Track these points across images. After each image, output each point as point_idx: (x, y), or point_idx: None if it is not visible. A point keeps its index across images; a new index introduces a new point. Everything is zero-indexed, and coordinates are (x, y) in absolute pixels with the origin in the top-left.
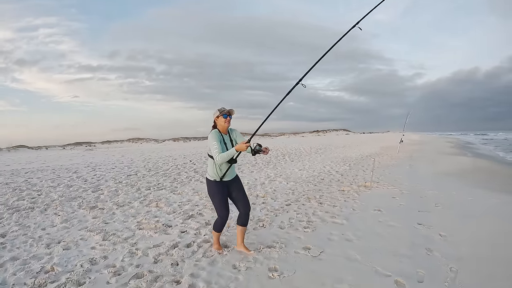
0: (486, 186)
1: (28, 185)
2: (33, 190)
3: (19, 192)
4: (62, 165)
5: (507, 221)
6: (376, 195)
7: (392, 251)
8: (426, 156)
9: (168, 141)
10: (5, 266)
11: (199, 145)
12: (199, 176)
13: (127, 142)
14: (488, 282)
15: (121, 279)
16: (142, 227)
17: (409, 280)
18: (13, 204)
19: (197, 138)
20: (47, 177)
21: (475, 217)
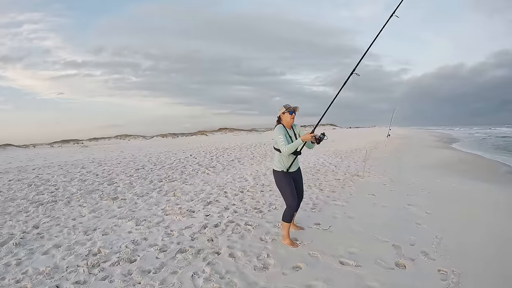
0: (466, 176)
1: (42, 180)
2: (49, 185)
3: (35, 187)
4: (66, 162)
5: (481, 202)
6: (369, 183)
7: (388, 225)
8: (412, 149)
9: (156, 137)
10: (50, 252)
11: (192, 141)
12: (204, 168)
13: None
14: (465, 245)
15: (168, 254)
16: (168, 213)
17: (403, 244)
18: (34, 198)
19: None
20: (57, 172)
21: (455, 200)
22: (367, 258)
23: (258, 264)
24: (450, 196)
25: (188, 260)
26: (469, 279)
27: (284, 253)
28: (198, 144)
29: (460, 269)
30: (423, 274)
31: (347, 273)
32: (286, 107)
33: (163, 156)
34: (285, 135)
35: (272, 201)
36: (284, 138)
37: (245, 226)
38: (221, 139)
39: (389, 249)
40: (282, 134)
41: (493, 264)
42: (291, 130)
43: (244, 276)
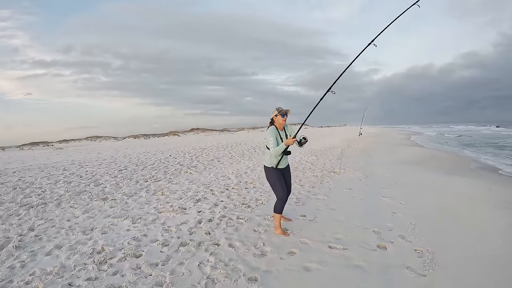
0: (436, 171)
1: (26, 183)
2: (35, 188)
3: (21, 190)
4: (45, 164)
5: (450, 194)
6: (345, 178)
7: (367, 214)
8: (383, 147)
9: (128, 138)
10: (53, 253)
11: (166, 141)
12: (186, 168)
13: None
14: (437, 229)
15: (171, 248)
16: (161, 211)
17: (382, 229)
18: (23, 201)
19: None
20: (39, 175)
21: (427, 192)
22: (352, 243)
23: (256, 252)
24: (421, 188)
25: (191, 252)
26: (442, 255)
27: (278, 241)
28: (174, 144)
29: (434, 248)
30: (402, 253)
31: (336, 255)
32: (278, 110)
33: (143, 157)
34: (276, 137)
35: (258, 196)
36: (274, 140)
37: (237, 220)
38: (195, 139)
39: (370, 234)
40: (273, 136)
41: (462, 243)
42: (283, 131)
43: (246, 262)
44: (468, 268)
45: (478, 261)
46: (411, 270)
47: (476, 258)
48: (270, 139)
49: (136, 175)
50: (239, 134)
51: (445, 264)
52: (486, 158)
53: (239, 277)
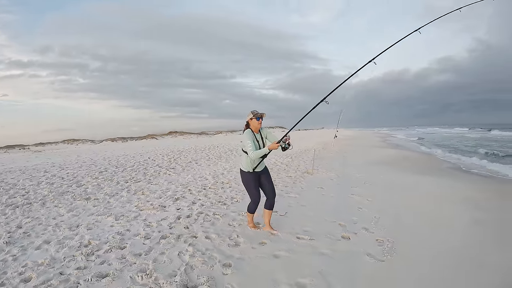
0: (408, 171)
1: (9, 185)
2: (19, 189)
3: (5, 191)
4: (25, 167)
5: (417, 192)
6: (318, 178)
7: (334, 210)
8: (358, 149)
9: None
10: (43, 247)
11: (144, 144)
12: (165, 170)
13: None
14: (399, 222)
15: (153, 240)
16: (142, 209)
17: (348, 222)
18: (8, 201)
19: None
20: (21, 177)
21: (394, 190)
22: (319, 234)
23: (231, 243)
24: (390, 187)
25: (171, 243)
26: (400, 244)
27: (251, 233)
28: (152, 147)
29: (394, 238)
30: (364, 243)
31: (303, 244)
32: (253, 113)
33: (122, 159)
34: (253, 140)
35: (233, 195)
36: (252, 144)
37: (213, 216)
38: (173, 142)
39: (336, 227)
40: (250, 140)
41: (420, 234)
42: (259, 134)
43: (222, 251)
44: (424, 254)
45: (434, 248)
46: (371, 257)
47: (432, 246)
48: (247, 142)
49: (117, 176)
50: (217, 137)
51: (402, 251)
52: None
53: (215, 263)
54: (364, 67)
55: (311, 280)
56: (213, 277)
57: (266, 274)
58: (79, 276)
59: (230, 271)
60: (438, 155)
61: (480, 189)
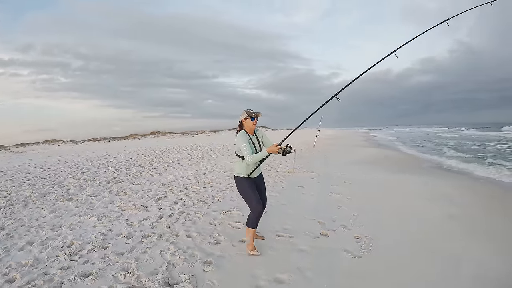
0: (389, 170)
1: None
2: (0, 190)
3: None
4: (6, 168)
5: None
6: (299, 178)
7: (314, 208)
8: (340, 149)
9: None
10: (26, 248)
11: (127, 145)
12: (147, 170)
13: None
14: (377, 219)
15: (135, 239)
16: (124, 209)
17: (327, 220)
18: None
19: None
20: (2, 178)
21: (374, 188)
22: (298, 231)
23: (211, 241)
24: (369, 185)
25: (153, 242)
26: (378, 240)
27: (232, 231)
28: (134, 147)
29: (371, 235)
30: (342, 239)
31: (283, 241)
32: (248, 113)
33: (105, 160)
34: (248, 142)
35: (214, 195)
36: (248, 146)
37: (195, 215)
38: (155, 142)
39: (315, 224)
40: (245, 142)
41: (397, 230)
42: (254, 136)
43: (202, 249)
44: (400, 250)
45: (410, 243)
46: (349, 253)
47: (409, 241)
48: (243, 145)
49: (99, 177)
50: (199, 137)
51: (380, 247)
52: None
53: (196, 261)
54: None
55: (290, 275)
56: (194, 274)
57: (245, 270)
58: (62, 276)
59: (211, 268)
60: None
61: (455, 186)
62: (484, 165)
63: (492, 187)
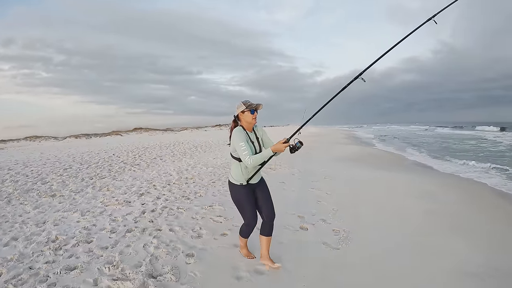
0: (371, 167)
1: None
2: None
3: None
4: None
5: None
6: (280, 174)
7: (294, 203)
8: (322, 146)
9: (69, 138)
10: (11, 244)
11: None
12: (129, 166)
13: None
14: (355, 214)
15: (119, 234)
16: (108, 205)
17: (306, 214)
18: None
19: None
20: None
21: (354, 184)
22: (278, 225)
23: (194, 234)
24: (350, 181)
25: (136, 236)
26: (356, 234)
27: (213, 225)
28: (117, 144)
29: (349, 229)
30: (321, 233)
31: None
32: (246, 104)
33: (87, 156)
34: (246, 141)
35: (197, 190)
36: (246, 146)
37: (177, 210)
38: (138, 139)
39: (295, 218)
40: (243, 141)
41: (376, 224)
42: (253, 133)
43: (185, 242)
44: (378, 243)
45: (387, 238)
46: (327, 245)
47: (386, 236)
48: (240, 144)
49: (82, 173)
50: (182, 134)
51: (357, 240)
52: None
53: (179, 254)
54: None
55: (270, 267)
56: (177, 266)
57: (227, 262)
58: (48, 270)
59: (193, 261)
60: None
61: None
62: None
63: (448, 179)
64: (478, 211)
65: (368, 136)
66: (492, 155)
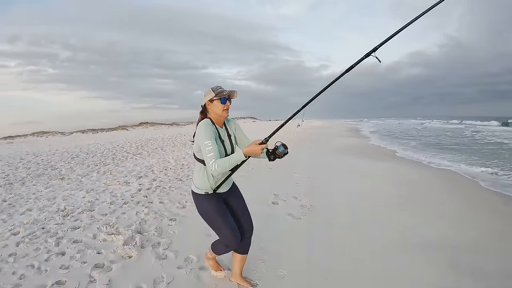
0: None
1: None
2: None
3: None
4: (1, 155)
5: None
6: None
7: (274, 184)
8: (321, 138)
9: (76, 133)
10: (26, 213)
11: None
12: (132, 155)
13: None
14: (326, 194)
15: (117, 205)
16: (109, 185)
17: (281, 193)
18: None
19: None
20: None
21: (336, 171)
22: (254, 200)
23: (179, 206)
24: (332, 168)
25: (131, 207)
26: (320, 209)
27: None
28: (122, 137)
29: (316, 205)
30: (289, 207)
31: None
32: (216, 91)
33: (93, 147)
34: (215, 139)
35: (190, 174)
36: (213, 145)
37: (169, 188)
38: (143, 133)
39: (270, 196)
40: (210, 139)
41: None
42: (223, 129)
43: (170, 211)
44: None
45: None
46: (292, 216)
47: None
48: (205, 143)
49: (88, 161)
50: (188, 128)
51: (320, 213)
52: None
53: (163, 219)
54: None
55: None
56: (160, 227)
57: (203, 228)
58: (57, 229)
59: (174, 223)
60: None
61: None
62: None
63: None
64: (433, 192)
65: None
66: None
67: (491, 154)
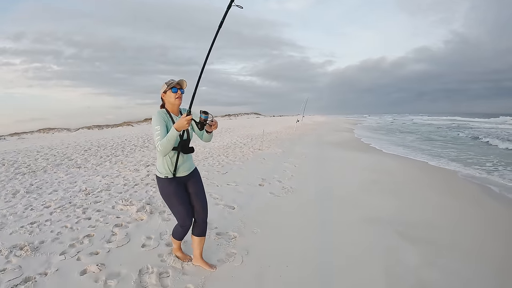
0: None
1: (10, 161)
2: (20, 164)
3: (9, 166)
4: (17, 149)
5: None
6: (265, 153)
7: (265, 171)
8: (320, 132)
9: (82, 130)
10: (53, 193)
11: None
12: (139, 148)
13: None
14: (307, 179)
15: (129, 186)
16: (121, 171)
17: (269, 178)
18: (15, 171)
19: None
20: (18, 156)
21: (323, 161)
22: (243, 183)
23: None
24: (320, 158)
25: (141, 187)
26: (300, 189)
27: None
28: (129, 132)
29: (296, 187)
30: (272, 188)
31: (230, 188)
32: (168, 83)
33: (103, 141)
34: (166, 125)
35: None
36: (162, 129)
37: None
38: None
39: (258, 179)
40: (160, 124)
41: (319, 186)
42: (179, 117)
43: None
44: (315, 196)
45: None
46: (272, 194)
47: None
48: (156, 128)
49: (100, 153)
50: None
51: (297, 193)
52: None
53: None
54: None
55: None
56: None
57: None
58: (82, 203)
59: None
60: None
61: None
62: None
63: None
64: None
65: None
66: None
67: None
